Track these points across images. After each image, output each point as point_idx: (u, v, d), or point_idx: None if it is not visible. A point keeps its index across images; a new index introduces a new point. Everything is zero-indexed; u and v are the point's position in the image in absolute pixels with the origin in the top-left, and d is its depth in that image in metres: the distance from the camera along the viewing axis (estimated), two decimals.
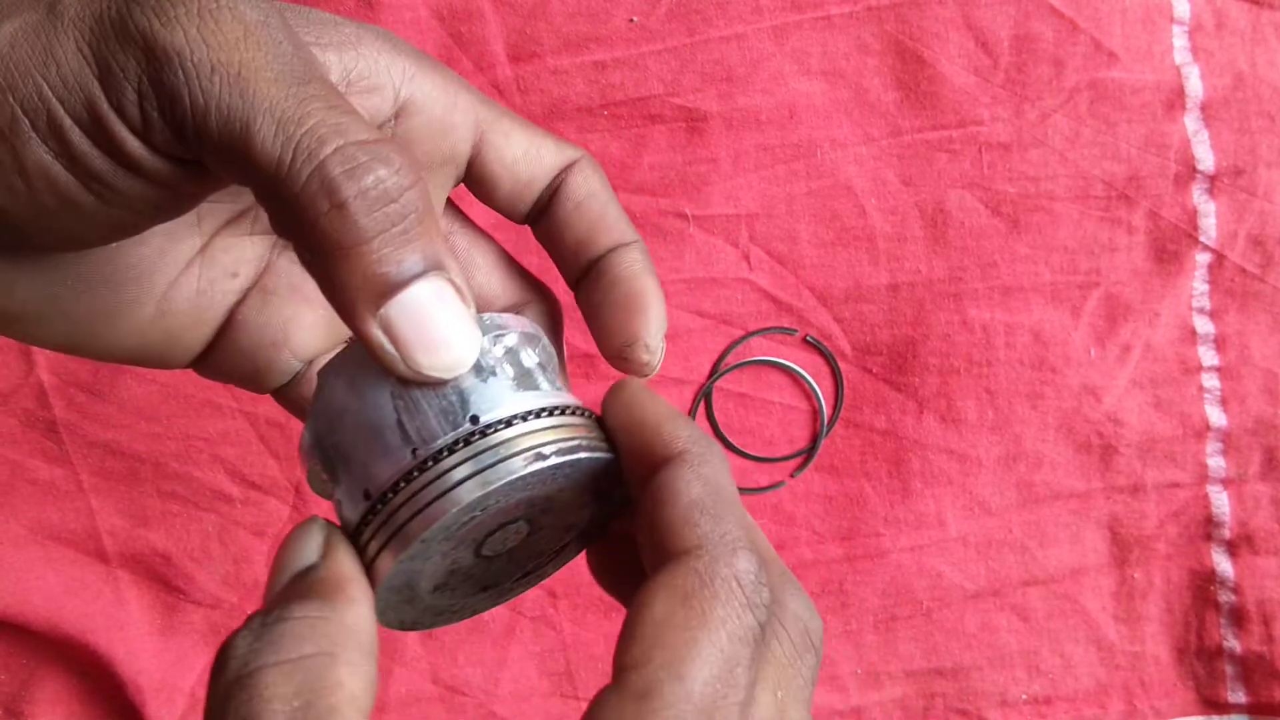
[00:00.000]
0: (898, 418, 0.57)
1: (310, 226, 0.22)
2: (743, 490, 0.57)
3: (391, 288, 0.23)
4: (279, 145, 0.22)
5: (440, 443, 0.24)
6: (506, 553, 0.27)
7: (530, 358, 0.27)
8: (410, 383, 0.24)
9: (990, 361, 0.57)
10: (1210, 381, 0.58)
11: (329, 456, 0.25)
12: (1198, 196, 0.57)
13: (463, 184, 0.32)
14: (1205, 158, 0.57)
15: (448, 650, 0.56)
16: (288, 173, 0.22)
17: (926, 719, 0.58)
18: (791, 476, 0.58)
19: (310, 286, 0.29)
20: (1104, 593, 0.58)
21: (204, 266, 0.29)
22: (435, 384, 0.24)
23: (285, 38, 0.23)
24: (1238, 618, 0.57)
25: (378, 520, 0.24)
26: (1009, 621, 0.57)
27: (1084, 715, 0.57)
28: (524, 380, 0.26)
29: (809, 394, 0.58)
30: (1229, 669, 0.57)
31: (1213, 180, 0.57)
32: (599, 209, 0.31)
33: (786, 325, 0.57)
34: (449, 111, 0.29)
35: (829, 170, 0.56)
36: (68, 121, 0.22)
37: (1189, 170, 0.57)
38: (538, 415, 0.25)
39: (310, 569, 0.24)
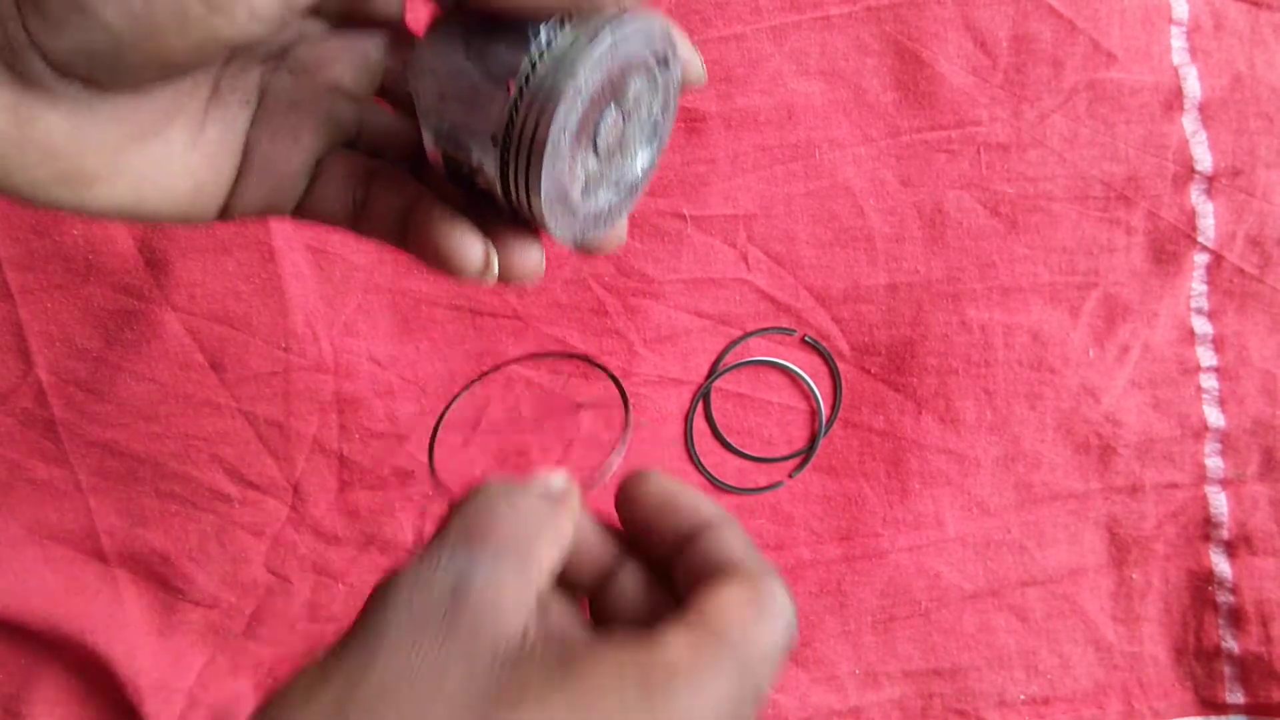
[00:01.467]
0: (896, 418, 0.57)
1: None
2: (741, 490, 0.57)
3: None
4: None
5: (522, 68, 0.27)
6: (618, 144, 0.31)
7: None
8: None
9: (989, 362, 0.57)
10: (1208, 382, 0.58)
11: (454, 143, 0.29)
12: (1196, 197, 0.57)
13: None
14: (1203, 158, 0.57)
15: None
16: None
17: (925, 719, 0.58)
18: (790, 477, 0.58)
19: (305, 96, 0.33)
20: (1102, 593, 0.58)
21: (224, 97, 0.31)
22: None
23: None
24: (1236, 618, 0.57)
25: (513, 151, 0.28)
26: (1007, 622, 0.57)
27: (1082, 716, 0.57)
28: None
29: (807, 394, 0.58)
30: (1227, 669, 0.57)
31: (1211, 181, 0.57)
32: None
33: (785, 325, 0.57)
34: None
35: (827, 171, 0.57)
36: None
37: (1187, 171, 0.57)
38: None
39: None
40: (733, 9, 0.55)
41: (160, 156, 0.30)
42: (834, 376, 0.58)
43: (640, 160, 0.32)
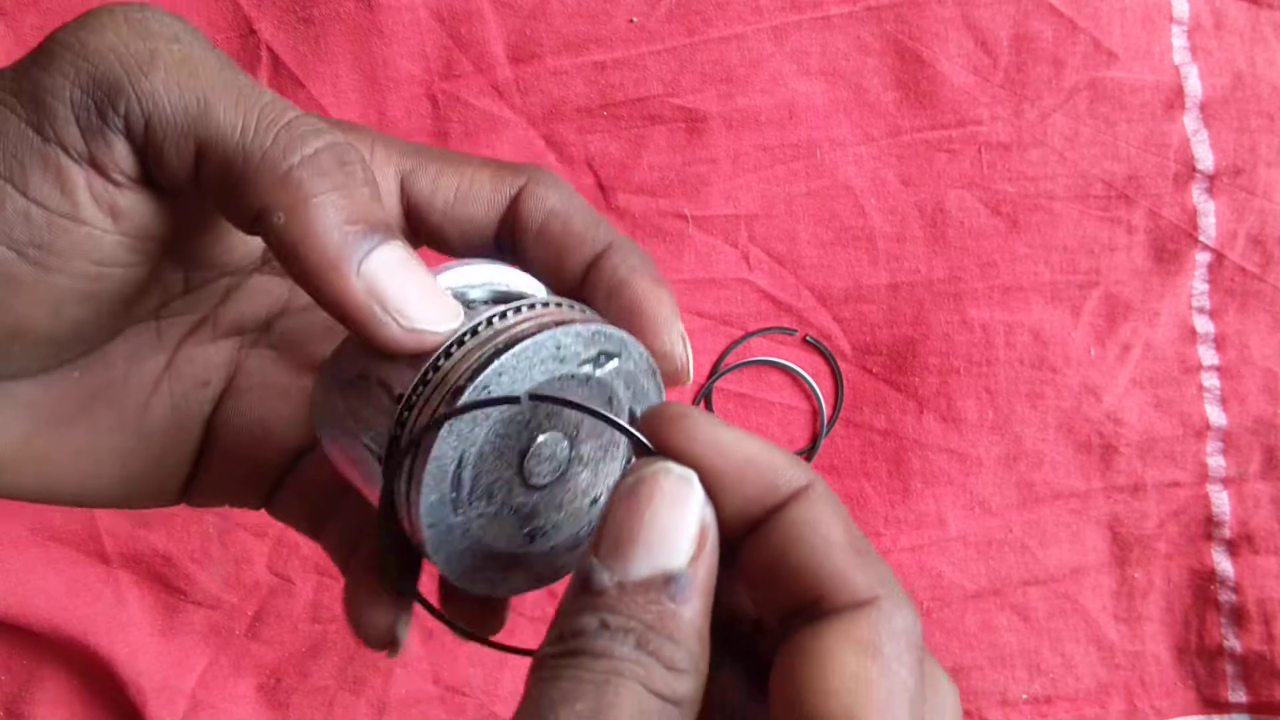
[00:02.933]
0: (898, 417, 0.57)
1: (280, 185, 0.22)
2: None
3: (366, 241, 0.22)
4: (241, 114, 0.22)
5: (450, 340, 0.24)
6: (553, 485, 0.26)
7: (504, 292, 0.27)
8: (400, 349, 0.23)
9: (990, 361, 0.57)
10: (1210, 381, 0.58)
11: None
12: (1197, 196, 0.57)
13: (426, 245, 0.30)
14: (1205, 157, 0.57)
15: (448, 651, 0.56)
16: (253, 137, 0.22)
17: None
18: None
19: (284, 379, 0.29)
20: (1104, 592, 0.58)
21: (173, 381, 0.28)
22: (427, 346, 0.23)
23: (210, 45, 0.23)
24: (1238, 617, 0.57)
25: (414, 411, 0.24)
26: (1009, 621, 0.57)
27: (1084, 715, 0.57)
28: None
29: (809, 394, 0.58)
30: (1229, 668, 0.57)
31: (1212, 180, 0.57)
32: (560, 226, 0.28)
33: (786, 325, 0.57)
34: None
35: (828, 170, 0.57)
36: None
37: (1188, 170, 0.57)
38: (529, 308, 0.25)
39: None
40: (733, 9, 0.55)
41: (82, 444, 0.27)
42: (835, 376, 0.58)
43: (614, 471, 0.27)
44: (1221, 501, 0.57)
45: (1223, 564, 0.57)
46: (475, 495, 0.24)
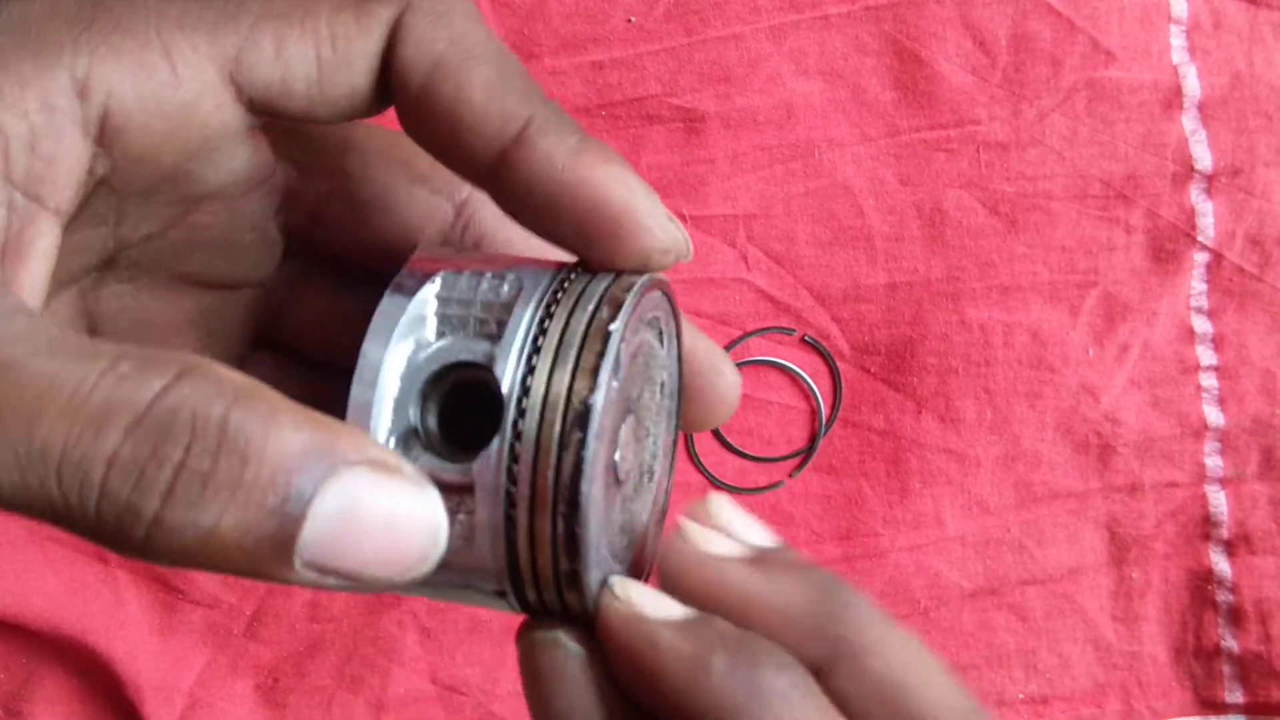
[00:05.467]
0: (896, 417, 0.57)
1: (133, 543, 0.16)
2: (741, 490, 0.57)
3: (283, 538, 0.16)
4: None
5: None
6: (639, 445, 0.24)
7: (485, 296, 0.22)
8: (395, 587, 0.18)
9: (988, 361, 0.57)
10: (1208, 381, 0.58)
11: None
12: (1195, 196, 0.57)
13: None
14: (1203, 157, 0.57)
15: (446, 650, 0.56)
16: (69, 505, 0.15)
17: None
18: (790, 476, 0.58)
19: (165, 306, 0.22)
20: (1102, 592, 0.58)
21: None
22: (414, 578, 0.18)
23: None
24: (1235, 617, 0.57)
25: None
26: (1006, 621, 0.57)
27: (1081, 715, 0.58)
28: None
29: (807, 394, 0.58)
30: (1226, 669, 0.57)
31: (1210, 180, 0.57)
32: (451, 92, 0.19)
33: (784, 325, 0.57)
34: (153, 84, 0.19)
35: (827, 170, 0.57)
36: None
37: (1187, 170, 0.57)
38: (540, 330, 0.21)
39: None
40: (731, 8, 0.55)
41: None
42: (834, 376, 0.58)
43: (661, 435, 0.25)
44: (1219, 502, 0.57)
45: (1220, 564, 0.57)
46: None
